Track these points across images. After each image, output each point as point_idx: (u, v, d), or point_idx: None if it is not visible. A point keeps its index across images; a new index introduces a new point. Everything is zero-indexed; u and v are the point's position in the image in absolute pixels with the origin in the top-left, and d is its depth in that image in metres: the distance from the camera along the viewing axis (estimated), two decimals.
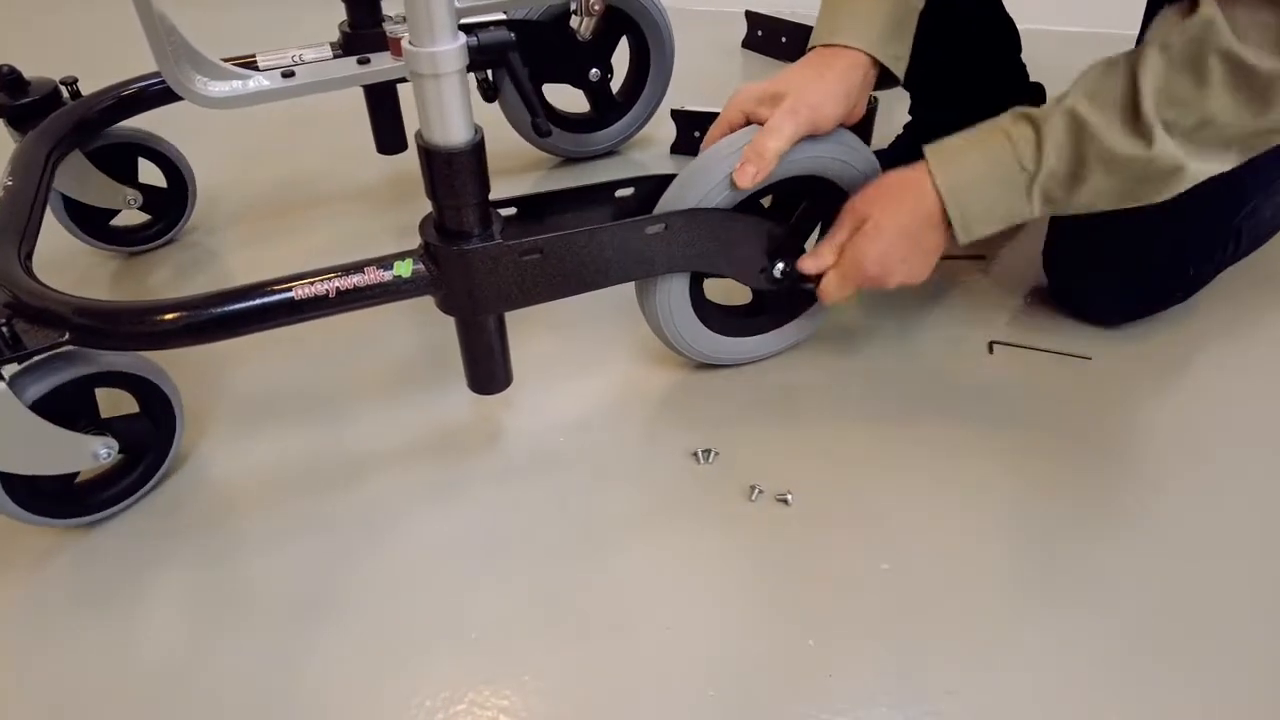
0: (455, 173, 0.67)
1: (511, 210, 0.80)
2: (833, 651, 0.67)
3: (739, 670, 0.66)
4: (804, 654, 0.67)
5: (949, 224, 0.76)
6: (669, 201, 0.79)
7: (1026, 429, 0.85)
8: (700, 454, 0.83)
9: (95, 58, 1.03)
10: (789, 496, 0.79)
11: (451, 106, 0.65)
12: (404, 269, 0.72)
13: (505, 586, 0.73)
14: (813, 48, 0.79)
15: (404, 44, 0.63)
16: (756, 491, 0.79)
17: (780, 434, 0.86)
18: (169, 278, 1.11)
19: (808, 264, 0.82)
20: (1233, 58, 0.64)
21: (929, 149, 0.76)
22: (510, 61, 0.90)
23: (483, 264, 0.71)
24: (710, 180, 0.77)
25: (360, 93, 1.11)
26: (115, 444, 0.74)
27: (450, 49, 0.62)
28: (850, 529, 0.76)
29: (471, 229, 0.70)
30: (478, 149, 0.67)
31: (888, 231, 0.77)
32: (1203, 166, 0.70)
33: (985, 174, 0.74)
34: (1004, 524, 0.77)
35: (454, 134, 0.66)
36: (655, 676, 0.66)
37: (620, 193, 0.84)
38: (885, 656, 0.67)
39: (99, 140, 1.02)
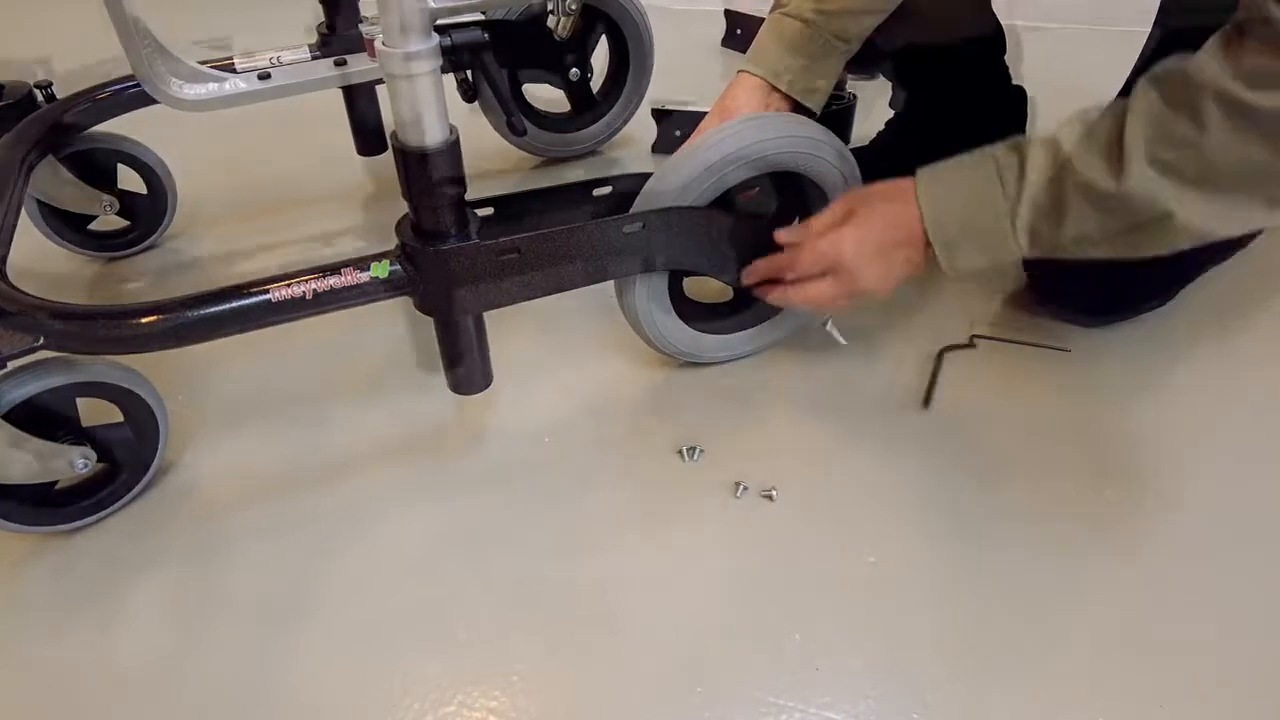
0: (431, 173, 0.67)
1: (488, 210, 0.80)
2: (819, 645, 0.68)
3: (726, 666, 0.66)
4: (790, 648, 0.67)
5: (929, 245, 0.74)
6: (646, 200, 0.79)
7: (1008, 421, 0.86)
8: (685, 451, 0.83)
9: (94, 55, 1.02)
10: (774, 492, 0.79)
11: (426, 107, 0.65)
12: (381, 270, 0.72)
13: (491, 586, 0.73)
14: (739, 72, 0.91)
15: (377, 45, 0.63)
16: (741, 488, 0.79)
17: (764, 430, 0.86)
18: (149, 282, 1.11)
19: (782, 234, 0.81)
20: (1229, 97, 0.59)
21: (921, 169, 0.75)
22: (484, 61, 0.90)
23: (459, 264, 0.71)
24: (685, 177, 0.77)
25: (340, 95, 1.12)
26: (93, 454, 0.74)
27: (423, 49, 0.63)
28: (835, 523, 0.77)
29: (448, 229, 0.70)
30: (453, 149, 0.67)
31: (867, 226, 0.76)
32: (1206, 220, 0.64)
33: (967, 196, 0.72)
34: (987, 517, 0.77)
35: (429, 134, 0.66)
36: (643, 674, 0.66)
37: (598, 191, 0.84)
38: (871, 649, 0.67)
39: (76, 145, 1.02)
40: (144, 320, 0.69)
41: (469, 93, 1.17)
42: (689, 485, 0.80)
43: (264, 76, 0.92)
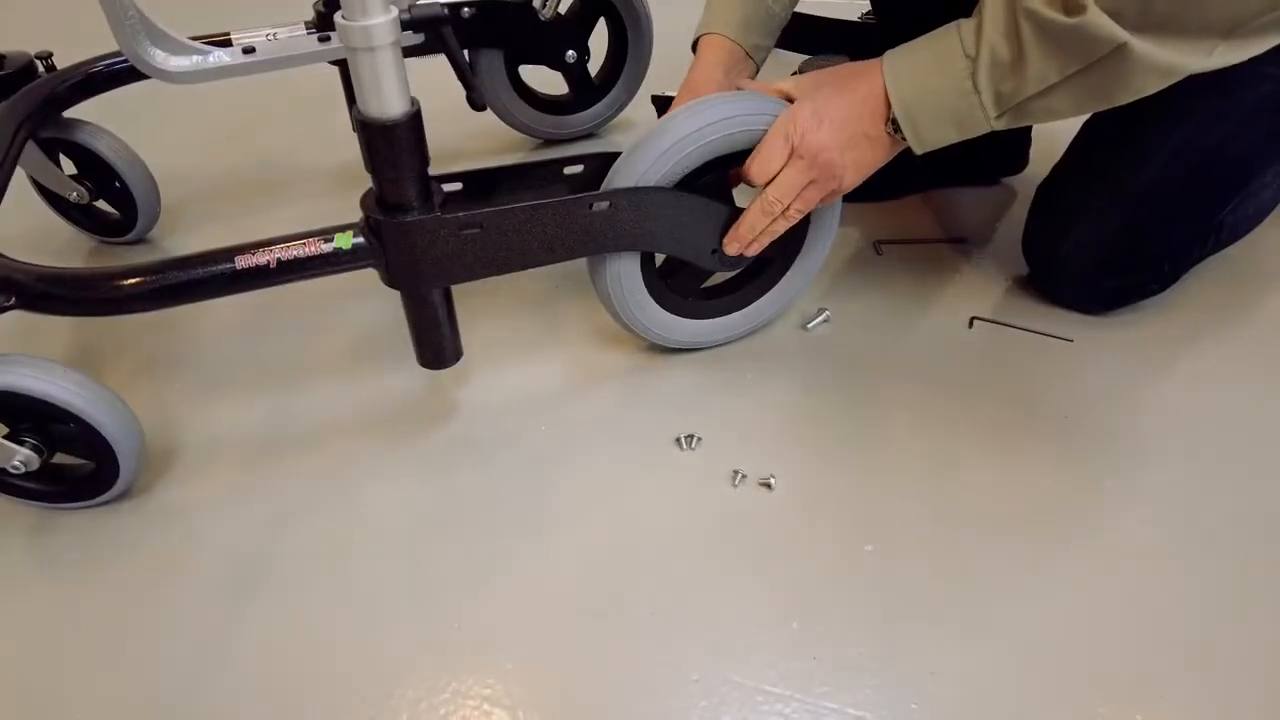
0: (393, 145, 0.68)
1: (457, 186, 0.80)
2: (817, 634, 0.67)
3: (723, 655, 0.66)
4: (788, 637, 0.67)
5: (898, 128, 0.74)
6: (613, 179, 0.79)
7: (1009, 411, 0.85)
8: (684, 440, 0.83)
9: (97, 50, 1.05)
10: (772, 481, 0.79)
11: (387, 79, 0.65)
12: (344, 241, 0.72)
13: (482, 570, 0.73)
14: (696, 40, 0.92)
15: (337, 19, 0.64)
16: (740, 476, 0.79)
17: (760, 417, 0.86)
18: (140, 256, 1.12)
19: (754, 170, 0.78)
20: None
21: (888, 50, 0.75)
22: (444, 35, 0.90)
23: (422, 237, 0.71)
24: (649, 157, 0.76)
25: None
26: (36, 459, 0.72)
27: (383, 21, 0.63)
28: (833, 512, 0.76)
29: (410, 202, 0.71)
30: (414, 120, 0.68)
31: (823, 103, 0.76)
32: (1160, 52, 0.64)
33: (930, 63, 0.72)
34: (986, 505, 0.77)
35: (390, 106, 0.66)
36: (639, 662, 0.66)
37: (569, 170, 0.84)
38: (869, 638, 0.67)
39: (56, 133, 1.02)
40: (114, 284, 0.70)
41: (477, 102, 1.17)
42: (686, 473, 0.80)
43: (248, 51, 0.93)
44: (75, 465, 0.77)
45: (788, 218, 0.80)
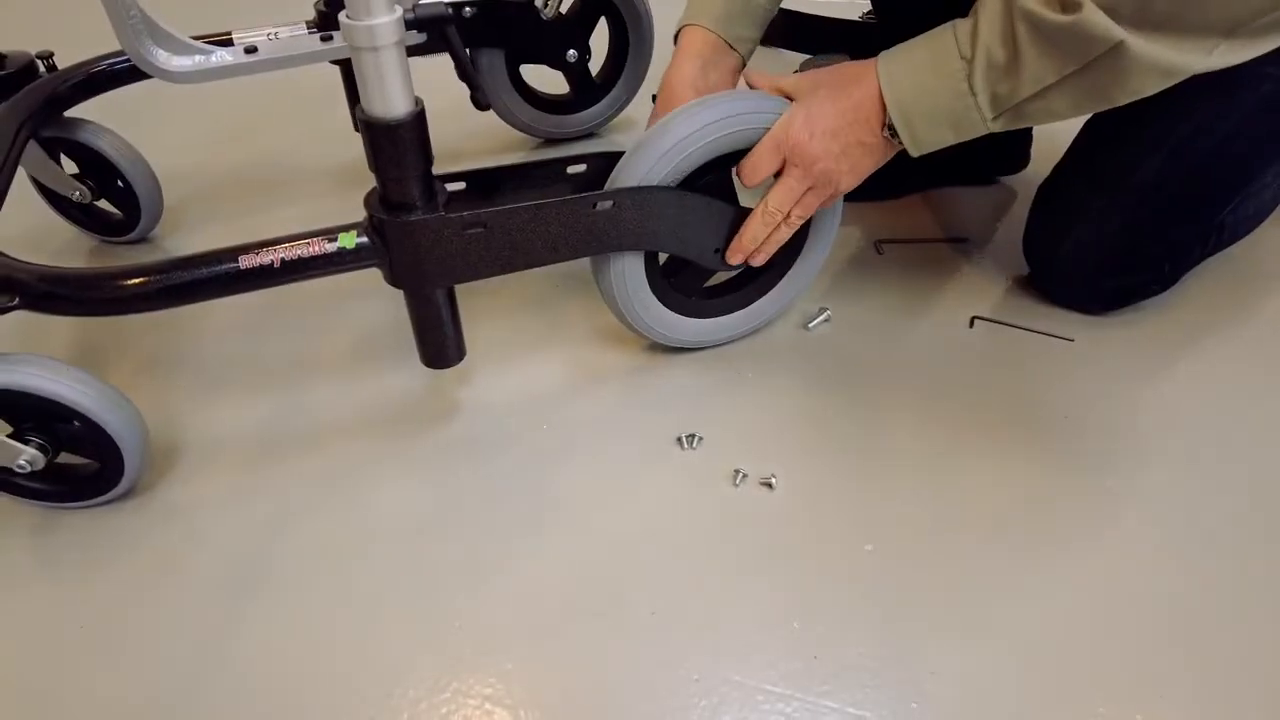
0: (397, 144, 0.68)
1: (460, 185, 0.80)
2: (817, 633, 0.68)
3: (723, 654, 0.66)
4: (789, 636, 0.67)
5: (894, 131, 0.73)
6: (617, 178, 0.79)
7: (1009, 411, 0.85)
8: (685, 439, 0.83)
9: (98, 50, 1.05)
10: (773, 480, 0.79)
11: (391, 78, 0.65)
12: (348, 241, 0.72)
13: (484, 573, 0.73)
14: (678, 31, 0.90)
15: (341, 18, 0.64)
16: (741, 476, 0.79)
17: (761, 416, 0.86)
18: (142, 255, 1.13)
19: (746, 173, 0.79)
20: None
21: (883, 51, 0.75)
22: (448, 35, 0.90)
23: (425, 236, 0.72)
24: (652, 156, 0.77)
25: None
26: (41, 458, 0.72)
27: (387, 21, 0.63)
28: (834, 512, 0.77)
29: (414, 201, 0.71)
30: (419, 120, 0.68)
31: (816, 108, 0.76)
32: (1158, 51, 0.63)
33: (925, 65, 0.71)
34: (986, 504, 0.77)
35: (395, 106, 0.66)
36: (639, 662, 0.66)
37: (572, 169, 0.84)
38: (869, 638, 0.67)
39: (58, 131, 1.01)
40: (118, 284, 0.70)
41: (481, 102, 1.17)
42: (687, 472, 0.80)
43: (250, 50, 0.93)
44: (79, 464, 0.77)
45: (789, 224, 0.80)
